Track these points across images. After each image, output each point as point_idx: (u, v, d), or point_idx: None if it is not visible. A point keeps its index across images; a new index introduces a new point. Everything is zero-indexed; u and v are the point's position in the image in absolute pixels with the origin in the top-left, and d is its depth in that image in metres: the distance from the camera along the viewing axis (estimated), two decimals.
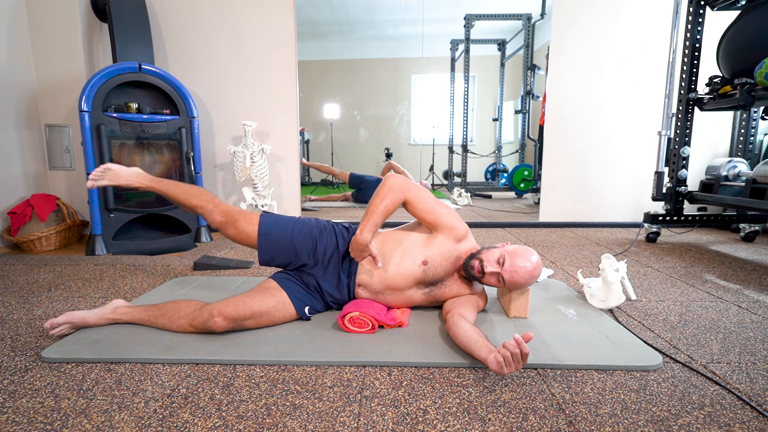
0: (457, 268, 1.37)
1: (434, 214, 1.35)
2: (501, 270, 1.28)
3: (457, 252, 1.37)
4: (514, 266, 1.28)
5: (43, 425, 0.88)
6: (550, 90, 3.20)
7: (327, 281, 1.41)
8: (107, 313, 1.34)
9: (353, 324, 1.31)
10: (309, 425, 0.89)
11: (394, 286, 1.37)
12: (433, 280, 1.36)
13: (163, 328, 1.31)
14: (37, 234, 2.49)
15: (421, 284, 1.37)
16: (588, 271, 2.05)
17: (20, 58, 2.72)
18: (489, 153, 4.82)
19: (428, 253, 1.35)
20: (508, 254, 1.29)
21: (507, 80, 4.66)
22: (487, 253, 1.32)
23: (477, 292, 1.42)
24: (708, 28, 2.56)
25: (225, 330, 1.25)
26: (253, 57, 3.07)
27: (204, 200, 1.46)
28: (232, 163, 3.16)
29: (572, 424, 0.89)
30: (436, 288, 1.37)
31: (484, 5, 4.30)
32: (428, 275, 1.35)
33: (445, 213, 1.37)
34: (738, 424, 0.89)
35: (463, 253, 1.37)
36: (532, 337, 0.95)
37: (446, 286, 1.38)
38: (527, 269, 1.28)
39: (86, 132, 2.36)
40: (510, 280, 1.29)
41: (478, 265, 1.30)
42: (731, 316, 1.48)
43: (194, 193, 1.49)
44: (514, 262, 1.28)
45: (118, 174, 1.52)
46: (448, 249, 1.35)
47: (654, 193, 2.68)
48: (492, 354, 1.00)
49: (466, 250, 1.38)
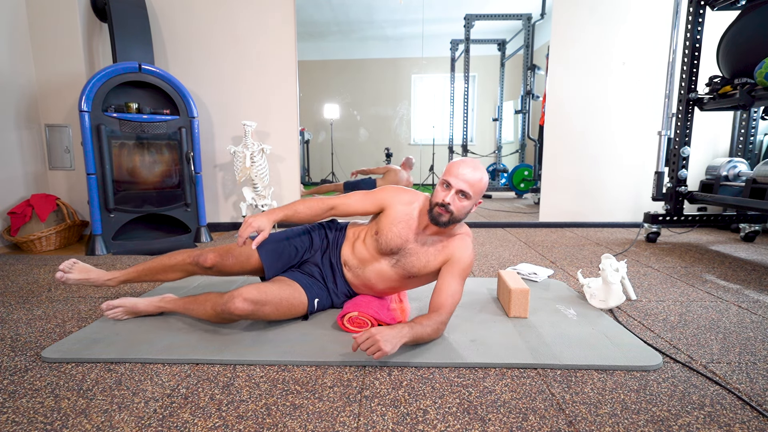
0: (414, 231, 1.36)
1: (361, 207, 1.43)
2: (446, 194, 1.26)
3: (397, 217, 1.38)
4: (456, 175, 1.25)
5: (43, 425, 0.88)
6: (550, 90, 3.20)
7: (324, 265, 1.48)
8: (156, 301, 1.44)
9: (352, 324, 1.32)
10: (309, 425, 0.89)
11: (361, 257, 1.42)
12: (392, 248, 1.36)
13: (194, 316, 1.38)
14: (37, 234, 2.49)
15: (383, 254, 1.38)
16: (588, 271, 2.05)
17: (20, 58, 2.72)
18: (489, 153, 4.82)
19: (377, 226, 1.40)
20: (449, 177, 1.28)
21: (507, 80, 4.66)
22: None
23: (450, 258, 1.34)
24: (708, 28, 2.56)
25: (244, 314, 1.23)
26: (253, 57, 3.07)
27: (184, 252, 1.48)
28: (232, 163, 3.16)
29: (572, 424, 0.89)
30: (402, 257, 1.36)
31: (484, 5, 4.30)
32: (381, 243, 1.36)
33: (360, 199, 1.43)
34: (738, 424, 0.89)
35: (404, 214, 1.37)
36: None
37: (410, 254, 1.35)
38: (468, 172, 1.25)
39: (86, 132, 2.36)
40: (458, 188, 1.25)
41: (434, 210, 1.29)
42: (731, 316, 1.48)
43: (171, 255, 1.49)
44: (455, 171, 1.26)
45: (88, 269, 1.51)
46: (389, 218, 1.38)
47: (654, 193, 2.68)
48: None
49: (408, 210, 1.38)
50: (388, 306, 1.41)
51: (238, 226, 3.20)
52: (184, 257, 1.44)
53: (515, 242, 2.72)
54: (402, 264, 1.37)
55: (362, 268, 1.43)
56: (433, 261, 1.35)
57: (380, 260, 1.40)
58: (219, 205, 3.25)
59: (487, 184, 1.31)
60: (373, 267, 1.41)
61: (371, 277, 1.42)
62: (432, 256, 1.35)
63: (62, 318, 1.46)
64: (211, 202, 3.19)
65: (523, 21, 4.29)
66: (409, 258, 1.36)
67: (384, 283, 1.42)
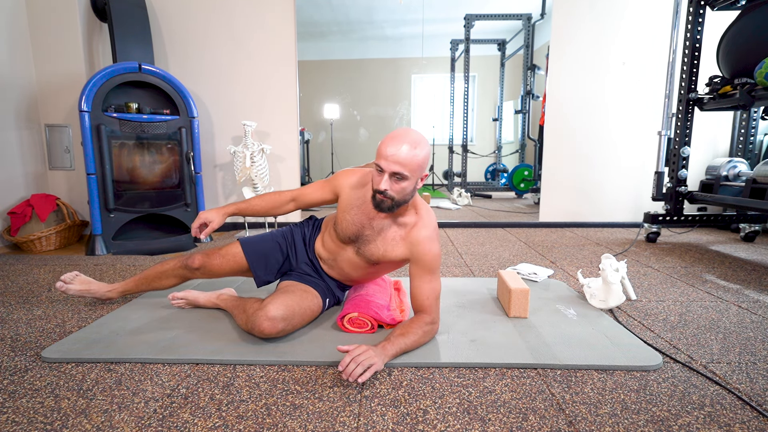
0: (368, 215, 1.30)
1: (319, 197, 1.43)
2: (380, 180, 1.16)
3: (350, 203, 1.34)
4: (385, 157, 1.13)
5: (43, 425, 0.88)
6: (550, 90, 3.20)
7: (312, 261, 1.48)
8: (213, 297, 1.51)
9: (352, 324, 1.32)
10: (309, 425, 0.89)
11: (330, 248, 1.41)
12: (349, 236, 1.33)
13: (237, 323, 1.34)
14: (37, 234, 2.49)
15: (344, 242, 1.36)
16: (588, 271, 2.05)
17: (20, 58, 2.72)
18: (489, 153, 4.82)
19: (336, 214, 1.39)
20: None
21: (507, 80, 4.67)
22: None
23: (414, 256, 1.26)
24: (708, 28, 2.56)
25: (275, 333, 1.19)
26: (253, 57, 3.07)
27: (175, 257, 1.52)
28: (232, 163, 3.16)
29: (572, 424, 0.89)
30: (361, 245, 1.33)
31: (484, 5, 4.30)
32: (339, 232, 1.35)
33: (317, 188, 1.43)
34: (738, 424, 0.89)
35: (356, 199, 1.32)
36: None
37: (368, 241, 1.31)
38: (397, 151, 1.13)
39: (86, 132, 2.36)
40: (391, 171, 1.14)
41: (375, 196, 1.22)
42: (731, 316, 1.48)
43: (164, 262, 1.49)
44: (384, 152, 1.14)
45: (89, 281, 1.54)
46: (342, 206, 1.36)
47: (654, 193, 2.68)
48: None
49: (360, 194, 1.32)
50: (388, 306, 1.41)
51: (239, 226, 3.20)
52: (174, 262, 1.45)
53: (515, 242, 2.72)
54: (363, 252, 1.32)
55: (333, 259, 1.40)
56: (392, 252, 1.28)
57: (346, 249, 1.37)
58: (219, 205, 3.24)
59: (428, 156, 1.18)
60: (342, 257, 1.38)
61: (344, 267, 1.40)
62: (390, 245, 1.29)
63: (62, 318, 1.46)
64: (211, 202, 3.19)
65: (523, 21, 4.29)
66: (368, 245, 1.31)
67: (357, 271, 1.39)
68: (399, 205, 1.21)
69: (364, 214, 1.30)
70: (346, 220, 1.32)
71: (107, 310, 1.54)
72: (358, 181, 1.34)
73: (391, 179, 1.16)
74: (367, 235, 1.30)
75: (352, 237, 1.32)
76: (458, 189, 4.36)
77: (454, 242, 2.72)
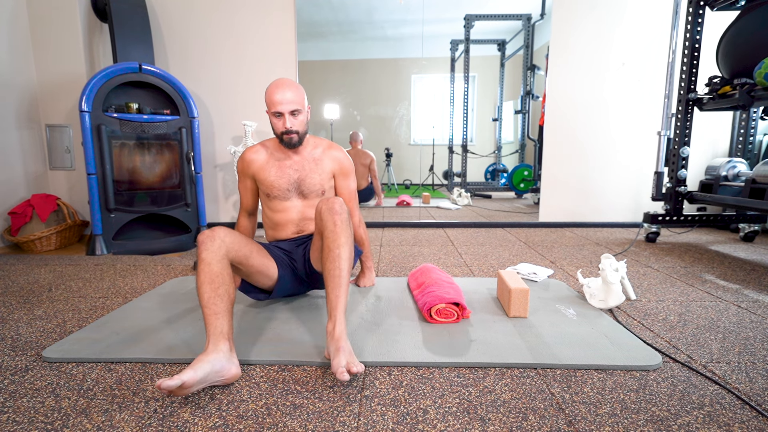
0: (286, 164, 1.52)
1: (250, 196, 1.63)
2: (283, 122, 1.42)
3: (268, 170, 1.54)
4: (280, 102, 1.40)
5: (44, 425, 0.88)
6: (549, 90, 3.21)
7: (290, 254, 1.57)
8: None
9: (440, 315, 1.39)
10: (309, 425, 0.89)
11: (277, 219, 1.57)
12: (286, 187, 1.52)
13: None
14: (37, 234, 2.49)
15: (286, 198, 1.54)
16: (588, 271, 2.05)
17: (21, 58, 2.72)
18: (489, 153, 4.82)
19: (265, 191, 1.57)
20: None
21: (507, 80, 4.66)
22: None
23: (339, 168, 1.58)
24: (708, 28, 2.57)
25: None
26: (253, 57, 3.07)
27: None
28: (232, 163, 3.16)
29: (572, 424, 0.89)
30: (301, 186, 1.52)
31: (484, 5, 4.30)
32: (277, 193, 1.54)
33: (244, 193, 1.62)
34: (737, 424, 0.89)
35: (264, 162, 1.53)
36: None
37: (304, 178, 1.51)
38: (287, 94, 1.39)
39: (87, 132, 2.36)
40: (290, 110, 1.41)
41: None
42: (731, 316, 1.48)
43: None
44: (278, 100, 1.40)
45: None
46: (266, 181, 1.54)
47: (654, 193, 2.68)
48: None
49: (262, 158, 1.54)
50: (457, 288, 1.51)
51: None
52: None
53: (515, 242, 2.72)
54: (306, 189, 1.52)
55: (288, 222, 1.54)
56: (326, 170, 1.54)
57: (292, 202, 1.53)
58: (219, 205, 3.25)
59: (303, 89, 1.46)
60: (293, 213, 1.54)
61: (301, 219, 1.55)
62: (321, 167, 1.53)
63: (63, 318, 1.46)
64: (211, 202, 3.20)
65: (523, 21, 4.29)
66: (306, 181, 1.51)
67: (311, 213, 1.54)
68: (303, 136, 1.49)
69: (282, 165, 1.51)
70: (272, 182, 1.50)
71: (107, 310, 1.54)
72: (254, 153, 1.53)
73: (292, 116, 1.41)
74: (299, 176, 1.51)
75: (289, 187, 1.50)
76: (458, 189, 4.36)
77: (454, 242, 2.72)
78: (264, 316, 1.44)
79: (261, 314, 1.46)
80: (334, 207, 1.23)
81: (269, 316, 1.44)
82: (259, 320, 1.40)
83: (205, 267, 1.12)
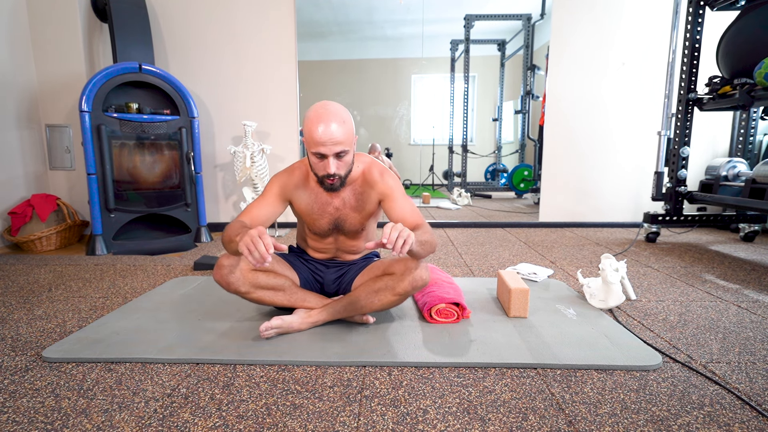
0: (327, 202, 1.36)
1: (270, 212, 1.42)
2: (325, 165, 1.20)
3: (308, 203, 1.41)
4: (323, 143, 1.16)
5: (44, 425, 0.88)
6: (549, 90, 3.21)
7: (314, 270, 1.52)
8: (309, 317, 1.34)
9: (440, 315, 1.39)
10: (309, 425, 0.89)
11: (318, 247, 1.49)
12: (327, 228, 1.41)
13: (369, 311, 1.32)
14: (37, 234, 2.49)
15: (327, 235, 1.43)
16: (588, 271, 2.05)
17: (20, 58, 2.72)
18: (489, 153, 4.82)
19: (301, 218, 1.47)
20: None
21: (507, 80, 4.66)
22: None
23: (382, 194, 1.34)
24: (708, 28, 2.57)
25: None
26: (253, 57, 3.07)
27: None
28: (232, 163, 3.16)
29: (572, 424, 0.89)
30: (341, 226, 1.40)
31: (484, 5, 4.30)
32: (317, 230, 1.44)
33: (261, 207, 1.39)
34: (737, 424, 0.89)
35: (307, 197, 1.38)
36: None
37: (345, 219, 1.38)
38: (331, 131, 1.15)
39: (87, 132, 2.36)
40: (334, 153, 1.18)
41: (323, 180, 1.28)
42: (731, 316, 1.48)
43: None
44: (320, 139, 1.16)
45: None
46: (305, 211, 1.41)
47: (654, 193, 2.68)
48: None
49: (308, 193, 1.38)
50: (457, 288, 1.50)
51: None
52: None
53: (515, 242, 2.72)
54: (346, 229, 1.39)
55: (330, 249, 1.45)
56: (366, 207, 1.36)
57: (333, 237, 1.42)
58: (219, 205, 3.25)
59: (351, 117, 1.21)
60: (334, 244, 1.44)
61: (341, 247, 1.45)
62: (361, 205, 1.35)
63: (62, 318, 1.46)
64: (211, 202, 3.19)
65: (522, 21, 4.29)
66: (346, 222, 1.37)
67: (354, 241, 1.44)
68: (347, 177, 1.29)
69: (324, 204, 1.35)
70: (314, 221, 1.37)
71: (107, 310, 1.54)
72: (299, 179, 1.35)
73: (337, 158, 1.20)
74: (340, 216, 1.37)
75: (330, 227, 1.39)
76: (458, 189, 4.36)
77: (454, 242, 2.72)
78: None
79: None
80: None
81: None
82: (259, 320, 1.40)
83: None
